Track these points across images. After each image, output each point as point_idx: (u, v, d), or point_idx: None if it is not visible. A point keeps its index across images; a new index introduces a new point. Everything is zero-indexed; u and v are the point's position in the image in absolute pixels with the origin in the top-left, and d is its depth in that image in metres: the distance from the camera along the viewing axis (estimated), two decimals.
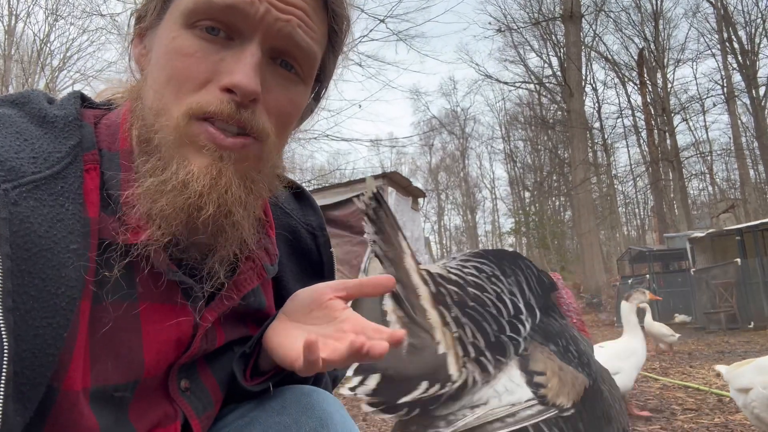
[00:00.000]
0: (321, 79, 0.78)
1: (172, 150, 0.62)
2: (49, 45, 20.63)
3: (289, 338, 0.70)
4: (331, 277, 0.92)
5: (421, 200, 8.33)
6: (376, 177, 7.09)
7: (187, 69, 0.63)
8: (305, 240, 0.91)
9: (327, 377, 0.93)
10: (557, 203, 34.80)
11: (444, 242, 42.35)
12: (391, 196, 6.90)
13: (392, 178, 7.09)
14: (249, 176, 0.67)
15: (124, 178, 0.65)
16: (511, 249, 1.46)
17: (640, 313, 6.89)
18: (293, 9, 0.65)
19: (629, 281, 14.81)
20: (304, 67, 0.69)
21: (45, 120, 0.63)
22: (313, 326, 0.71)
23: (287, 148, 0.79)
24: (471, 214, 41.60)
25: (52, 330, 0.55)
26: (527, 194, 36.64)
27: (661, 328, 6.59)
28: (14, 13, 19.94)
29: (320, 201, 6.94)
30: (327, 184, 9.26)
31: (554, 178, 33.15)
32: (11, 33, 19.92)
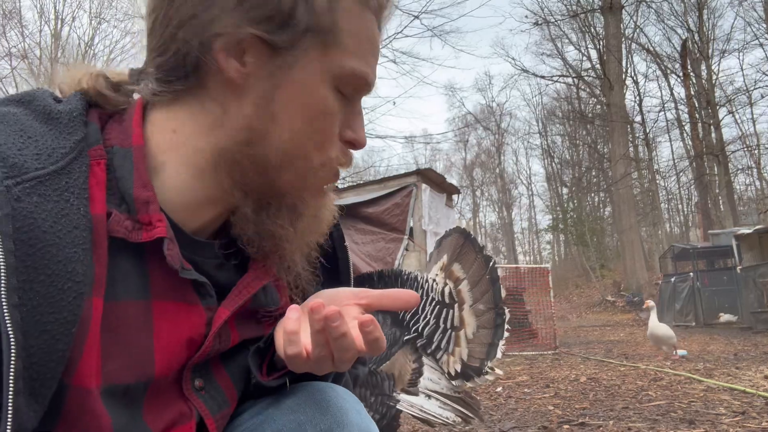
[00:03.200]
0: None
1: (304, 193, 0.71)
2: (93, 48, 21.31)
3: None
4: (346, 272, 0.92)
5: (455, 197, 8.27)
6: (409, 174, 7.07)
7: (332, 128, 0.69)
8: None
9: (347, 375, 0.92)
10: (596, 199, 34.08)
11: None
12: (425, 193, 6.88)
13: (426, 175, 7.06)
14: None
15: (139, 176, 0.65)
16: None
17: (645, 313, 6.66)
18: None
19: (672, 279, 14.40)
20: None
21: (49, 116, 0.63)
22: None
23: None
24: (507, 211, 41.16)
25: (60, 325, 0.55)
26: (565, 190, 36.01)
27: (667, 331, 6.30)
28: (60, 17, 20.67)
29: (354, 198, 7.01)
30: (361, 182, 9.29)
31: (593, 173, 32.48)
32: (57, 37, 20.64)
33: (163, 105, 0.68)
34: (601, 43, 23.08)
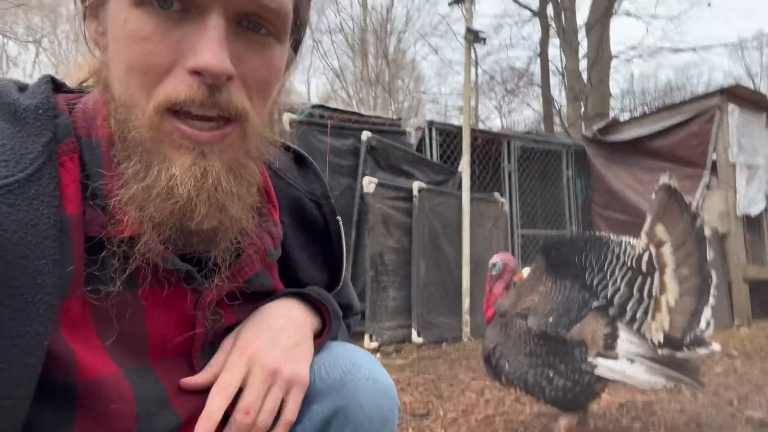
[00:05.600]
0: (297, 29, 0.71)
1: (150, 149, 0.60)
2: (392, 10, 23.13)
3: None
4: (339, 246, 0.90)
5: None
6: (711, 95, 5.75)
7: (147, 55, 0.58)
8: (310, 210, 0.89)
9: (343, 326, 0.91)
10: None
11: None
12: (733, 116, 5.51)
13: (735, 94, 5.63)
14: (237, 164, 0.64)
15: (108, 170, 0.63)
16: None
17: None
18: None
19: None
20: (276, 25, 0.63)
21: (16, 115, 0.61)
22: None
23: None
24: None
25: (31, 338, 0.54)
26: None
27: None
28: None
29: (639, 131, 6.11)
30: (648, 111, 8.01)
31: None
32: (365, 6, 23.04)
33: None
34: None
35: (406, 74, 20.52)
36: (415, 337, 4.58)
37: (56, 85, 0.70)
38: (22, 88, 0.66)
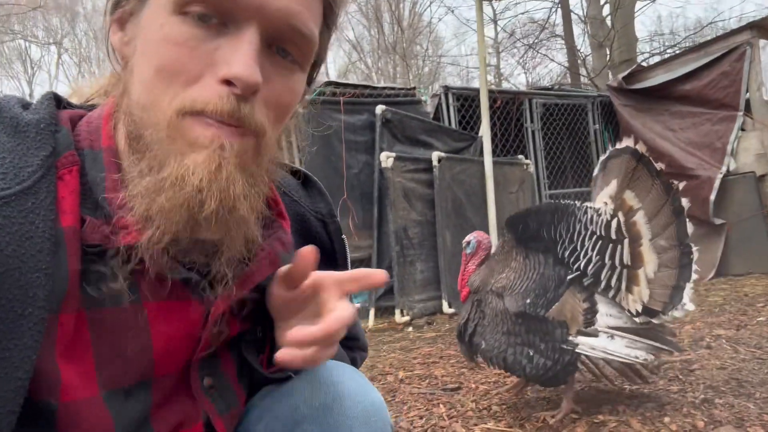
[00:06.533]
0: (316, 62, 0.74)
1: (166, 146, 0.60)
2: None
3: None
4: (344, 264, 0.90)
5: None
6: (739, 30, 5.43)
7: (179, 59, 0.59)
8: (315, 227, 0.88)
9: (346, 358, 0.90)
10: None
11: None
12: (765, 51, 5.21)
13: (766, 27, 5.32)
14: (249, 170, 0.64)
15: (110, 178, 0.63)
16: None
17: None
18: None
19: None
20: (304, 52, 0.66)
21: (17, 129, 0.61)
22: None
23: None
24: None
25: (19, 352, 0.54)
26: None
27: None
28: None
29: (665, 75, 5.85)
30: (675, 52, 7.63)
31: None
32: None
33: None
34: None
35: (424, 38, 20.11)
36: (447, 308, 4.57)
37: (60, 102, 0.70)
38: (26, 105, 0.67)
